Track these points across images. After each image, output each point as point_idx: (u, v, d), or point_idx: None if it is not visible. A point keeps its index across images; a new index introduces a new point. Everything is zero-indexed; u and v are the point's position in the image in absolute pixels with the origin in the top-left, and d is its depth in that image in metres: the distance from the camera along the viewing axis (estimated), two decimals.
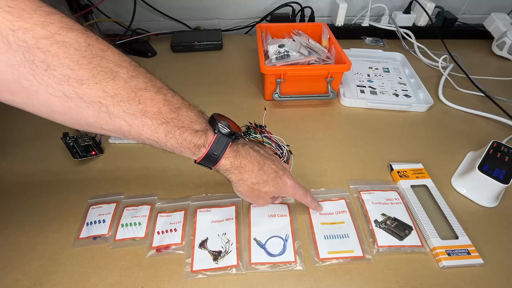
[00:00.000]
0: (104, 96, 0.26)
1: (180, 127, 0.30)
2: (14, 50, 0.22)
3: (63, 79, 0.24)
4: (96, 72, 0.25)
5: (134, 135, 0.29)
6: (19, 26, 0.22)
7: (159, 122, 0.29)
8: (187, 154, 0.33)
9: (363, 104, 0.65)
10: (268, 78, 0.62)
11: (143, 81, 0.28)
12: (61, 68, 0.24)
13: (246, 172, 0.35)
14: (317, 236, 0.42)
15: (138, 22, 0.89)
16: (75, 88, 0.24)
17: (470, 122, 0.63)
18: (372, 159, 0.54)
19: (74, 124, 0.28)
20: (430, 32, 0.88)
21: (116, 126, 0.28)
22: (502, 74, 0.76)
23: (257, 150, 0.37)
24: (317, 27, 0.77)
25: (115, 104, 0.26)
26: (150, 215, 0.44)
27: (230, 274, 0.38)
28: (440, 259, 0.39)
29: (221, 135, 0.33)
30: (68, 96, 0.25)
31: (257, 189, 0.37)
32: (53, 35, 0.23)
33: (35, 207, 0.46)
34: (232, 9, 0.93)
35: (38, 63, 0.23)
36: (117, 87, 0.26)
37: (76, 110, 0.26)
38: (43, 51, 0.23)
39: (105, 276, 0.38)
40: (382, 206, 0.46)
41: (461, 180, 0.49)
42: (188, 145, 0.32)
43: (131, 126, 0.28)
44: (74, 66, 0.24)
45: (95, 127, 0.28)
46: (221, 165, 0.34)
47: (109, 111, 0.27)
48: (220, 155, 0.33)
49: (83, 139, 0.53)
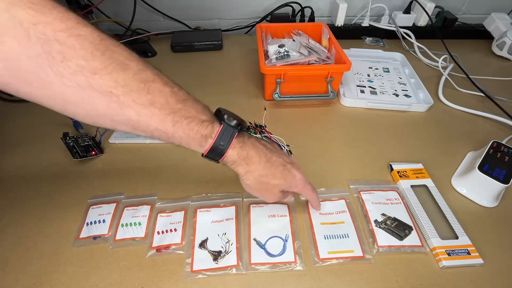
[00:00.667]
0: (115, 86, 0.27)
1: (187, 117, 0.31)
2: (33, 42, 0.23)
3: (77, 69, 0.25)
4: (108, 63, 0.26)
5: (143, 126, 0.30)
6: (40, 20, 0.23)
7: (167, 112, 0.30)
8: (194, 146, 0.33)
9: (363, 104, 0.65)
10: (268, 78, 0.62)
11: (151, 74, 0.29)
12: (76, 59, 0.25)
13: (254, 163, 0.35)
14: (317, 236, 0.42)
15: (138, 22, 0.89)
16: (88, 78, 0.26)
17: (470, 122, 0.63)
18: (372, 159, 0.54)
19: (86, 116, 0.29)
20: (430, 32, 0.88)
21: (126, 117, 0.29)
22: (502, 74, 0.77)
23: (263, 143, 0.38)
24: (317, 27, 0.77)
25: (125, 94, 0.27)
26: (150, 215, 0.44)
27: (230, 274, 0.38)
28: (440, 259, 0.39)
29: (227, 125, 0.33)
30: (82, 86, 0.26)
31: (266, 181, 0.37)
32: (70, 29, 0.24)
33: (35, 207, 0.46)
34: (232, 9, 0.93)
35: (55, 55, 0.24)
36: (127, 78, 0.27)
37: (89, 100, 0.27)
38: (60, 43, 0.24)
39: (105, 276, 0.38)
40: (382, 206, 0.46)
41: (461, 180, 0.49)
42: (195, 135, 0.32)
43: (140, 116, 0.29)
44: (88, 57, 0.25)
45: (105, 118, 0.29)
46: (228, 156, 0.34)
47: (120, 101, 0.27)
48: (227, 146, 0.33)
49: (83, 139, 0.53)
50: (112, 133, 0.57)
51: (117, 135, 0.56)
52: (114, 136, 0.56)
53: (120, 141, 0.56)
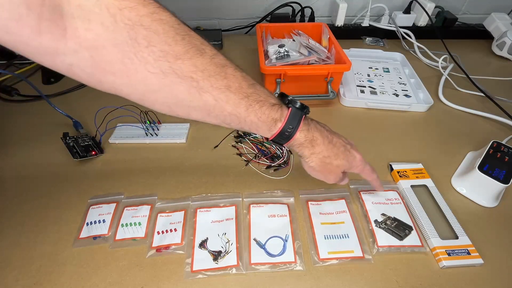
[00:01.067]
0: (195, 71, 0.27)
1: (259, 101, 0.31)
2: (120, 28, 0.23)
3: (161, 55, 0.25)
4: (188, 47, 0.26)
5: (218, 111, 0.30)
6: (125, 5, 0.23)
7: (241, 97, 0.30)
8: (262, 131, 0.33)
9: (363, 104, 0.65)
10: (268, 78, 0.62)
11: (223, 58, 0.30)
12: (160, 44, 0.25)
13: (318, 145, 0.36)
14: (317, 236, 0.42)
15: None
16: (171, 63, 0.26)
17: (470, 122, 0.63)
18: (372, 159, 0.53)
19: (163, 104, 0.29)
20: (430, 32, 0.88)
21: (203, 102, 0.29)
22: (502, 74, 0.77)
23: (323, 125, 0.38)
24: (317, 27, 0.77)
25: (204, 79, 0.28)
26: (150, 215, 0.44)
27: (230, 274, 0.38)
28: (440, 259, 0.39)
29: (295, 109, 0.34)
30: (165, 72, 0.26)
31: (329, 162, 0.37)
32: (152, 14, 0.24)
33: (35, 207, 0.46)
34: (232, 9, 0.93)
35: (141, 40, 0.24)
36: (205, 63, 0.28)
37: (170, 87, 0.27)
38: (145, 27, 0.24)
39: (105, 276, 0.38)
40: (382, 206, 0.46)
41: (461, 180, 0.49)
42: (266, 119, 0.32)
43: (217, 101, 0.29)
44: (171, 42, 0.25)
45: (182, 105, 0.29)
46: (296, 139, 0.34)
47: (199, 86, 0.28)
48: (295, 129, 0.34)
49: (83, 139, 0.53)
50: (112, 133, 0.57)
51: (117, 135, 0.56)
52: (114, 136, 0.56)
53: (120, 141, 0.56)
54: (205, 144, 0.56)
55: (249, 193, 0.47)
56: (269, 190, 0.48)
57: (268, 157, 0.53)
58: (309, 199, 0.47)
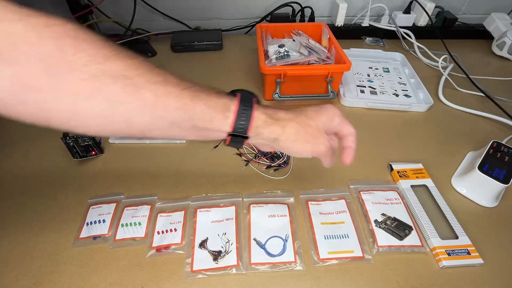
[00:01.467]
0: (127, 69, 0.27)
1: (203, 90, 0.31)
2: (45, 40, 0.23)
3: (89, 59, 0.25)
4: (119, 51, 0.27)
5: (162, 109, 0.28)
6: (53, 22, 0.23)
7: (182, 87, 0.29)
8: (218, 121, 0.31)
9: (363, 104, 0.65)
10: (268, 78, 0.62)
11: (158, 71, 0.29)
12: (88, 50, 0.25)
13: (284, 119, 0.33)
14: (317, 236, 0.42)
15: (138, 22, 0.88)
16: (101, 65, 0.25)
17: (470, 122, 0.63)
18: (372, 159, 0.54)
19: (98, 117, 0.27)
20: (430, 32, 0.88)
21: (142, 99, 0.28)
22: (502, 74, 0.77)
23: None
24: (317, 27, 0.77)
25: (139, 76, 0.27)
26: (150, 215, 0.44)
27: (230, 274, 0.38)
28: (440, 259, 0.39)
29: (243, 92, 0.33)
30: (95, 75, 0.25)
31: (306, 124, 0.33)
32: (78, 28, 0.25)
33: (35, 207, 0.46)
34: (232, 9, 0.93)
35: (68, 49, 0.24)
36: (137, 62, 0.27)
37: (102, 90, 0.26)
38: (72, 37, 0.24)
39: (105, 276, 0.38)
40: (382, 206, 0.46)
41: (461, 180, 0.49)
42: (217, 105, 0.30)
43: (157, 96, 0.28)
44: (99, 46, 0.26)
45: (120, 112, 0.28)
46: (256, 118, 0.32)
47: (134, 83, 0.27)
48: (251, 108, 0.31)
49: (83, 139, 0.53)
50: None
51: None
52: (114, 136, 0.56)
53: (120, 141, 0.56)
54: (205, 144, 0.56)
55: (249, 193, 0.47)
56: (269, 190, 0.48)
57: (268, 157, 0.53)
58: (309, 199, 0.47)
